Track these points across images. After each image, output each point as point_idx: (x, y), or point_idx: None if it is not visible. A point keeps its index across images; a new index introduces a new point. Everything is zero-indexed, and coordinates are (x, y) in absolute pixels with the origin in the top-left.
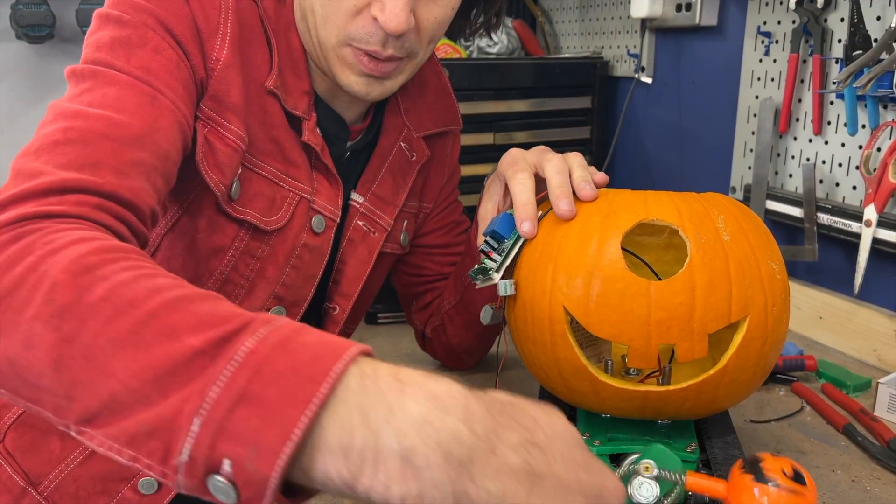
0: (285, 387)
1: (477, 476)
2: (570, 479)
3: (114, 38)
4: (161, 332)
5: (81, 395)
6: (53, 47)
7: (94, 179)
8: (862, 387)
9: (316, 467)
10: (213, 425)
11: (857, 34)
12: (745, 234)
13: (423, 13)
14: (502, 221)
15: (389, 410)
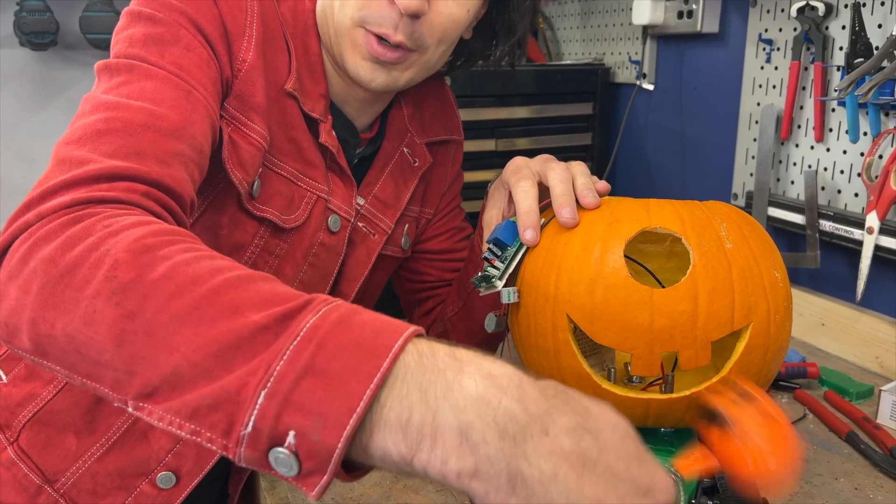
0: (349, 360)
1: (530, 454)
2: (622, 469)
3: (147, 34)
4: (224, 309)
5: (143, 370)
6: (56, 54)
7: (140, 168)
8: (865, 394)
9: (375, 443)
10: (279, 397)
11: (859, 42)
12: (747, 242)
13: (439, 4)
14: (505, 229)
15: (448, 387)
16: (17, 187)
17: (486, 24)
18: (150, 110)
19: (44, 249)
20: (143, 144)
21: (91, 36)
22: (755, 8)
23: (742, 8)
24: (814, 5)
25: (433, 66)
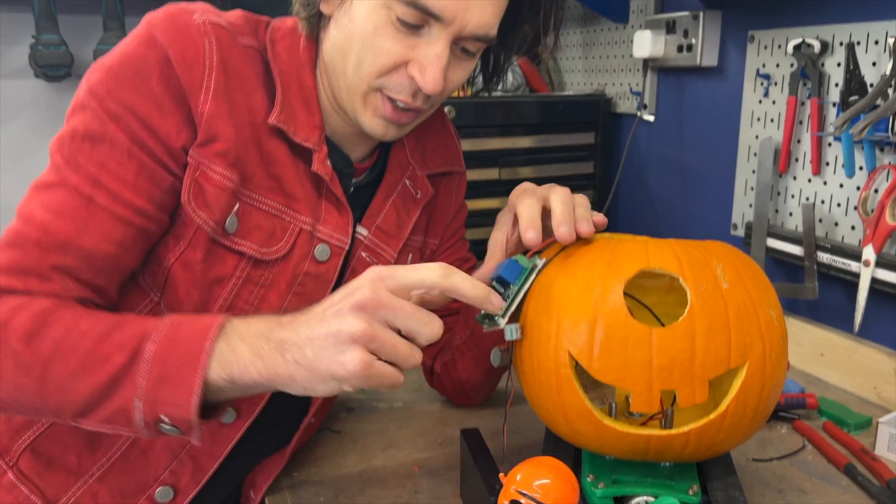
0: (182, 366)
1: (282, 343)
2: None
3: (85, 130)
4: (98, 360)
5: (66, 409)
6: (70, 84)
7: (20, 287)
8: (863, 425)
9: (215, 398)
10: (149, 402)
11: (853, 80)
12: (743, 282)
13: (450, 72)
14: (508, 267)
15: (245, 362)
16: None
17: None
18: (45, 227)
19: None
20: (30, 262)
21: None
22: (753, 43)
23: (740, 43)
24: (809, 43)
25: (435, 109)
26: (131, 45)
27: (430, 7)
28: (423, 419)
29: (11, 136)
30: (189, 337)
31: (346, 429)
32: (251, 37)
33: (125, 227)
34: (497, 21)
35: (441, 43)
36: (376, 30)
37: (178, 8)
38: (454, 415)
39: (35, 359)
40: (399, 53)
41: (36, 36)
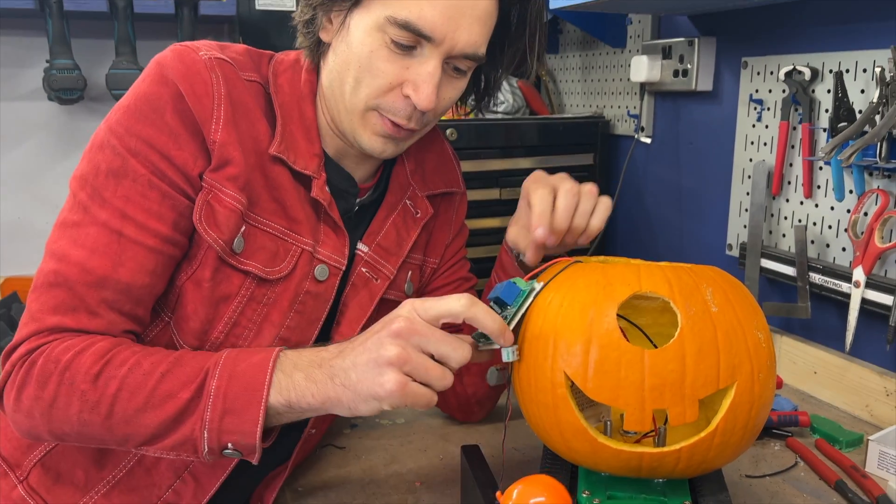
0: (244, 398)
1: (332, 376)
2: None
3: (108, 167)
4: (163, 397)
5: (132, 439)
6: (82, 107)
7: (72, 324)
8: (854, 443)
9: (272, 422)
10: (214, 432)
11: (842, 107)
12: (731, 306)
13: (443, 91)
14: (507, 289)
15: (301, 388)
16: (39, 231)
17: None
18: (82, 265)
19: (26, 391)
20: (76, 300)
21: (116, 91)
22: (746, 70)
23: (734, 69)
24: (800, 70)
25: (429, 129)
26: (144, 84)
27: (422, 28)
28: (425, 435)
29: (25, 156)
30: (248, 371)
31: (350, 444)
32: (253, 71)
33: (156, 256)
34: (485, 40)
35: (433, 62)
36: (372, 52)
37: (184, 47)
38: (456, 431)
39: (102, 397)
40: (394, 74)
41: (50, 60)
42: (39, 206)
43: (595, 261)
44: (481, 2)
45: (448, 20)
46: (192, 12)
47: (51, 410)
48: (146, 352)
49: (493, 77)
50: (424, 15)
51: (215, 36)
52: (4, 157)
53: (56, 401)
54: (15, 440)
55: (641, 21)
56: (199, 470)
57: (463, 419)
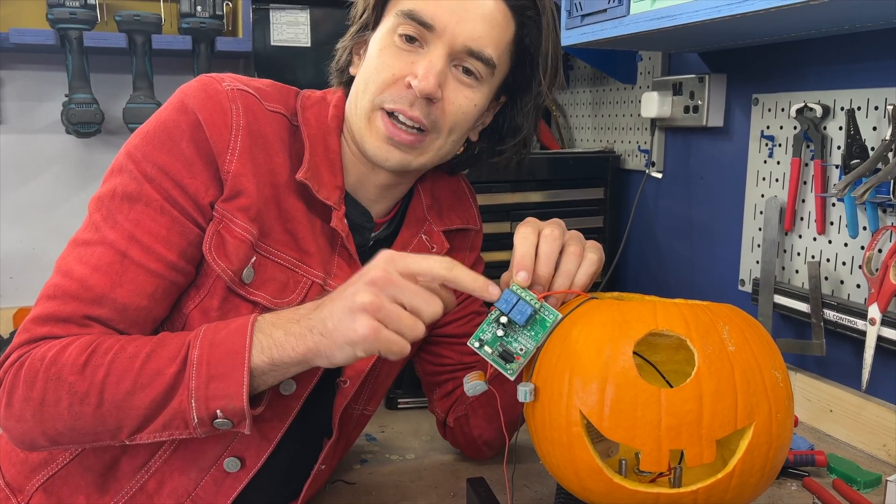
0: (227, 363)
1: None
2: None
3: (124, 190)
4: (151, 375)
5: (125, 425)
6: (99, 140)
7: (59, 333)
8: (872, 483)
9: (258, 385)
10: (202, 400)
11: (854, 144)
12: (748, 345)
13: (450, 93)
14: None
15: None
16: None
17: (493, 128)
18: (82, 281)
19: (16, 394)
20: (68, 312)
21: (133, 125)
22: (757, 106)
23: (745, 105)
24: (811, 107)
25: (444, 154)
26: (165, 112)
27: (424, 16)
28: (435, 471)
29: (41, 188)
30: (228, 337)
31: (360, 480)
32: (279, 103)
33: (157, 281)
34: (493, 43)
35: (435, 52)
36: (381, 51)
37: (210, 77)
38: (466, 467)
39: (91, 386)
40: (399, 67)
41: (69, 94)
42: (55, 238)
43: (610, 297)
44: (486, 4)
45: (450, 12)
46: (209, 48)
47: (41, 409)
48: (129, 338)
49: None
50: (428, 5)
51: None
52: (22, 189)
53: (45, 398)
54: (18, 464)
55: (652, 58)
56: (201, 500)
57: (473, 456)
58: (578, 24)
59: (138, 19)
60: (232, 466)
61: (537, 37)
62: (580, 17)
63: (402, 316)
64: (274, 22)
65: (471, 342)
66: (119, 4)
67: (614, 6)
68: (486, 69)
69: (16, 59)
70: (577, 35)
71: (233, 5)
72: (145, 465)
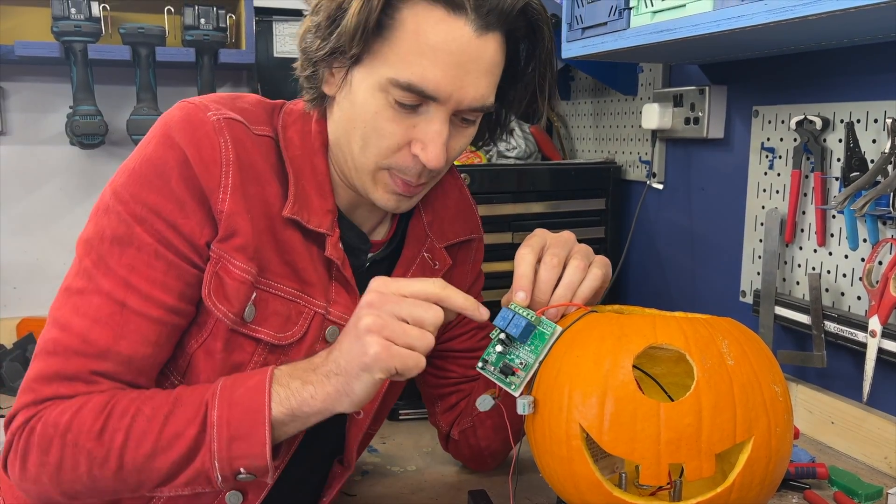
0: (248, 422)
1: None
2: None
3: (113, 234)
4: (170, 438)
5: (146, 484)
6: (103, 151)
7: (68, 393)
8: (873, 496)
9: (278, 436)
10: (225, 461)
11: (854, 157)
12: (747, 359)
13: (452, 142)
14: (514, 322)
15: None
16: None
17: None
18: (83, 336)
19: (30, 459)
20: (73, 370)
21: (137, 136)
22: (757, 118)
23: (745, 117)
24: (811, 119)
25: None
26: (150, 147)
27: (425, 89)
28: (436, 483)
29: (45, 199)
30: (247, 395)
31: (361, 492)
32: (265, 124)
33: (159, 327)
34: (493, 90)
35: (439, 119)
36: (376, 113)
37: (193, 106)
38: (468, 479)
39: (110, 452)
40: (401, 134)
41: (73, 106)
42: (59, 249)
43: (610, 310)
44: (486, 53)
45: (453, 79)
46: (212, 60)
47: (59, 473)
48: (144, 397)
49: (502, 116)
50: (427, 76)
51: (234, 83)
52: (26, 200)
53: (62, 463)
54: (21, 497)
55: (652, 69)
56: None
57: (476, 468)
58: (579, 36)
59: (142, 32)
60: (234, 500)
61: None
62: (580, 30)
63: (406, 329)
64: (277, 34)
65: (477, 366)
66: (123, 17)
67: (614, 19)
68: (484, 112)
69: (21, 71)
70: (577, 47)
71: (236, 18)
72: (149, 502)
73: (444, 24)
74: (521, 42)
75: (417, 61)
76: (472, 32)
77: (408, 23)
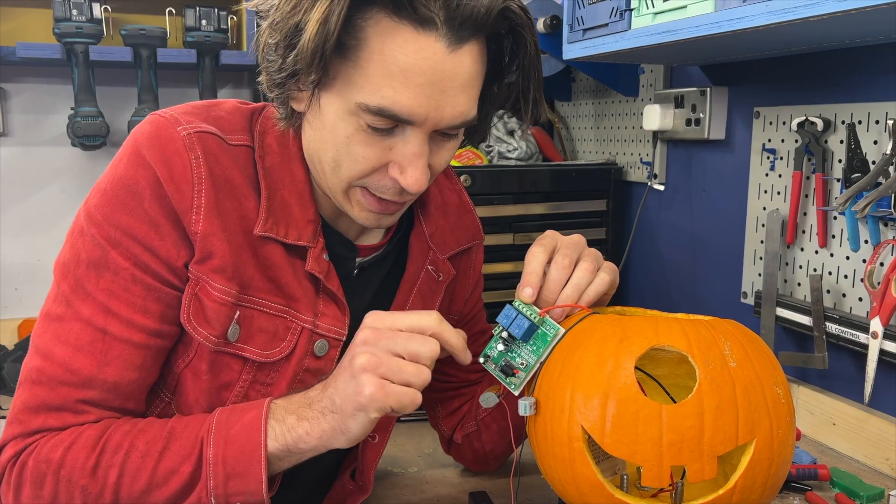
0: (244, 460)
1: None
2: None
3: (89, 257)
4: (166, 474)
5: None
6: (104, 152)
7: (57, 424)
8: (875, 497)
9: (274, 470)
10: (221, 497)
11: (855, 158)
12: (750, 361)
13: (434, 160)
14: (516, 322)
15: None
16: None
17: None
18: (66, 365)
19: (24, 493)
20: (59, 400)
21: None
22: (758, 119)
23: (746, 119)
24: (813, 121)
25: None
26: (121, 166)
27: (399, 114)
28: (436, 485)
29: (46, 200)
30: (243, 432)
31: None
32: (243, 132)
33: (143, 352)
34: (474, 104)
35: (417, 141)
36: (348, 138)
37: (164, 120)
38: (468, 481)
39: (104, 488)
40: (376, 157)
41: (75, 108)
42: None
43: (612, 311)
44: (462, 68)
45: (427, 100)
46: (213, 61)
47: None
48: (137, 430)
49: (487, 113)
50: (399, 100)
51: (235, 84)
52: (27, 201)
53: (57, 498)
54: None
55: (654, 71)
56: None
57: (478, 470)
58: (580, 38)
59: (144, 33)
60: None
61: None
62: (582, 32)
63: (402, 365)
64: None
65: (479, 358)
66: (125, 18)
67: (616, 21)
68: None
69: (22, 73)
70: (578, 49)
71: (237, 19)
72: None
73: (413, 43)
74: (504, 40)
75: (388, 83)
76: (444, 49)
77: (373, 43)
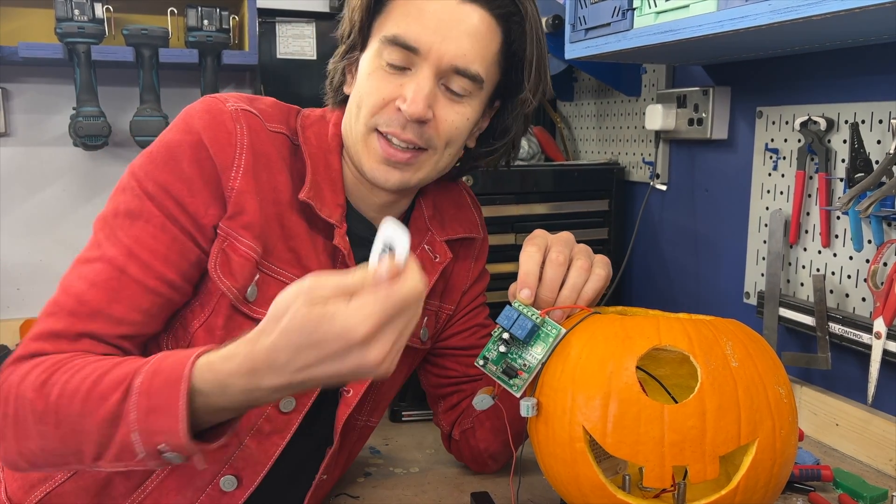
0: (166, 393)
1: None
2: None
3: (126, 208)
4: (97, 400)
5: (84, 449)
6: (106, 152)
7: (49, 349)
8: (878, 498)
9: (201, 416)
10: (144, 433)
11: (858, 158)
12: (752, 360)
13: (442, 111)
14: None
15: (218, 376)
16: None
17: (488, 132)
18: (78, 296)
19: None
20: (61, 327)
21: (140, 138)
22: (761, 119)
23: (749, 118)
24: (816, 120)
25: (442, 167)
26: (170, 133)
27: (408, 40)
28: (439, 485)
29: (49, 200)
30: (174, 364)
31: (364, 494)
32: (280, 123)
33: (153, 297)
34: (479, 58)
35: (422, 75)
36: (370, 74)
37: (213, 98)
38: (470, 481)
39: (47, 406)
40: (389, 91)
41: (77, 108)
42: (62, 250)
43: (613, 312)
44: (468, 18)
45: (434, 32)
46: (216, 61)
47: (15, 428)
48: (96, 359)
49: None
50: (411, 29)
51: (237, 84)
52: (29, 201)
53: (17, 416)
54: (19, 479)
55: (656, 70)
56: None
57: (478, 470)
58: (582, 37)
59: (146, 33)
60: (228, 485)
61: (523, 41)
62: (584, 31)
63: None
64: (280, 35)
65: (477, 361)
66: (127, 18)
67: (618, 20)
68: (473, 85)
69: (24, 73)
70: (580, 48)
71: (239, 19)
72: (140, 485)
73: None
74: (511, 23)
75: (404, 19)
76: (456, 0)
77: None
